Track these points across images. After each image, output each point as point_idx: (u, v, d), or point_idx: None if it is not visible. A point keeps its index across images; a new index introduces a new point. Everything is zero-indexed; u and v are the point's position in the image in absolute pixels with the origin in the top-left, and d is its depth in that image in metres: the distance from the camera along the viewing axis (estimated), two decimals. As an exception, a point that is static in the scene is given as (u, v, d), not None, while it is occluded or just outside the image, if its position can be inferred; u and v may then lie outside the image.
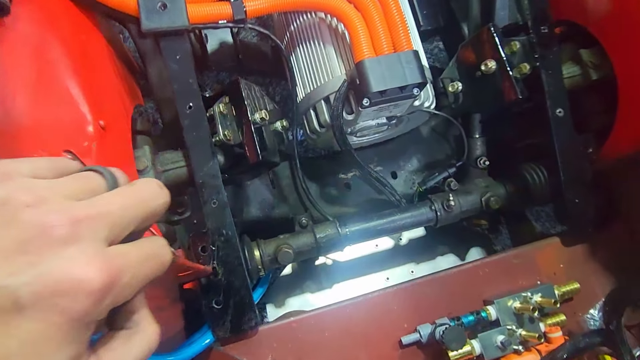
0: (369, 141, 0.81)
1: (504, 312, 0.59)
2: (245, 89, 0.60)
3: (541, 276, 0.63)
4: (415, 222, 0.72)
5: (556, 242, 0.65)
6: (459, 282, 0.62)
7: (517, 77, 0.62)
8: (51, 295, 0.21)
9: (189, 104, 0.55)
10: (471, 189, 0.74)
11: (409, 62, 0.59)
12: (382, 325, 0.59)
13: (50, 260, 0.21)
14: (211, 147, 0.55)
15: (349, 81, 0.62)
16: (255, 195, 0.73)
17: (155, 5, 0.53)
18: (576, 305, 0.63)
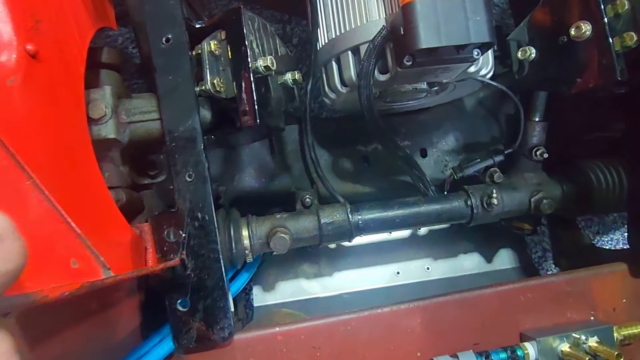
0: (399, 108, 0.65)
1: (546, 354, 0.46)
2: (248, 23, 0.44)
3: (597, 312, 0.50)
4: (444, 217, 0.59)
5: (622, 269, 0.52)
6: (491, 306, 0.49)
7: (619, 51, 0.45)
8: None
9: (167, 35, 0.39)
10: (519, 185, 0.60)
11: (476, 12, 0.43)
12: (390, 351, 0.47)
13: None
14: (193, 98, 0.41)
15: (389, 29, 0.47)
16: (251, 161, 0.59)
17: None
18: (633, 350, 0.50)
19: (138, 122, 0.43)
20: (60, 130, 0.34)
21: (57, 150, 0.33)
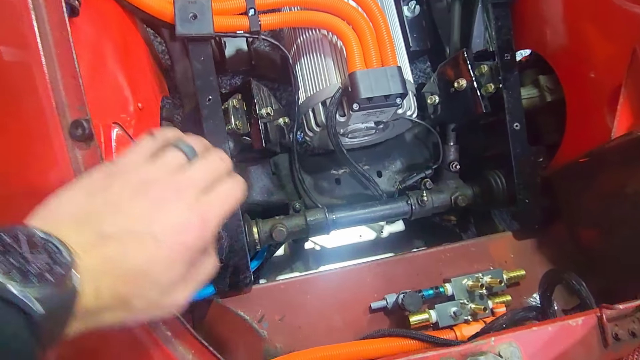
0: (359, 143, 0.93)
1: (459, 288, 0.70)
2: (255, 88, 0.72)
3: (494, 263, 0.74)
4: (392, 213, 0.84)
5: (509, 235, 0.77)
6: (424, 262, 0.74)
7: (484, 95, 0.74)
8: (174, 234, 0.34)
9: (209, 97, 0.67)
10: (443, 189, 0.85)
11: (393, 76, 0.71)
12: (356, 293, 0.70)
13: (169, 214, 0.34)
14: (224, 133, 0.67)
15: (342, 88, 0.74)
16: (257, 181, 0.85)
17: (188, 15, 0.65)
18: (522, 290, 0.74)
19: (189, 150, 0.70)
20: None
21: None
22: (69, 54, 0.36)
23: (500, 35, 0.74)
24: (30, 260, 0.27)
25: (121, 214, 0.33)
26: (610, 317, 0.49)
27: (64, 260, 0.28)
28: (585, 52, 0.71)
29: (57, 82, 0.35)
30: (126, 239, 0.32)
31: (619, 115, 0.59)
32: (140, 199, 0.34)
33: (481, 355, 0.46)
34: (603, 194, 0.68)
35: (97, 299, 0.31)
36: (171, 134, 0.40)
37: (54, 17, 0.35)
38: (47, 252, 0.28)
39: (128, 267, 0.32)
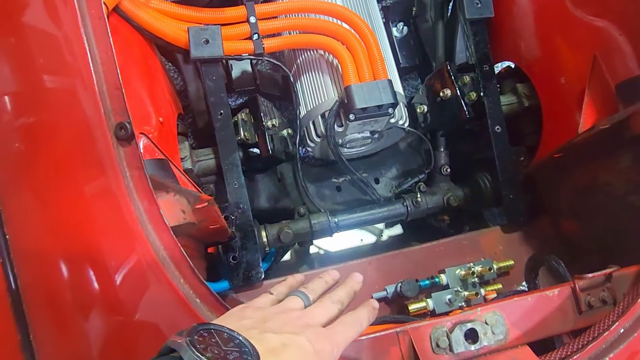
0: (357, 153, 1.00)
1: (452, 278, 0.76)
2: (261, 103, 0.80)
3: (484, 255, 0.81)
4: (390, 215, 0.91)
5: (497, 229, 0.83)
6: (420, 256, 0.80)
7: (467, 102, 0.82)
8: (321, 351, 0.41)
9: (221, 111, 0.75)
10: (436, 191, 0.92)
11: (384, 88, 0.79)
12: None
13: (316, 341, 0.41)
14: (235, 143, 0.75)
15: (339, 101, 0.82)
16: (264, 189, 0.92)
17: (201, 41, 0.74)
18: (512, 279, 0.80)
19: (202, 160, 0.77)
20: (172, 148, 0.68)
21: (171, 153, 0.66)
22: (114, 70, 0.44)
23: (479, 49, 0.82)
24: (227, 350, 0.34)
25: (272, 333, 0.40)
26: (583, 287, 0.55)
27: (249, 350, 0.35)
28: (556, 61, 0.79)
29: (104, 93, 0.43)
30: (286, 344, 0.39)
31: (584, 113, 0.67)
32: (287, 324, 0.42)
33: (469, 322, 0.52)
34: (578, 186, 0.74)
35: None
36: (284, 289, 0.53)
37: (102, 43, 0.43)
38: (236, 345, 0.35)
39: None
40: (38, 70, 0.47)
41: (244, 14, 0.80)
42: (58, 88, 0.47)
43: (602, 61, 0.70)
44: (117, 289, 0.47)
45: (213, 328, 0.35)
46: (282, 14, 0.84)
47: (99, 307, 0.47)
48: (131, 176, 0.43)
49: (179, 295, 0.46)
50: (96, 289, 0.47)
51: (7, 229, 0.43)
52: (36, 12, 0.47)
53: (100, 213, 0.44)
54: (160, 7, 0.76)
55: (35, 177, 0.45)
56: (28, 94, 0.46)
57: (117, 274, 0.46)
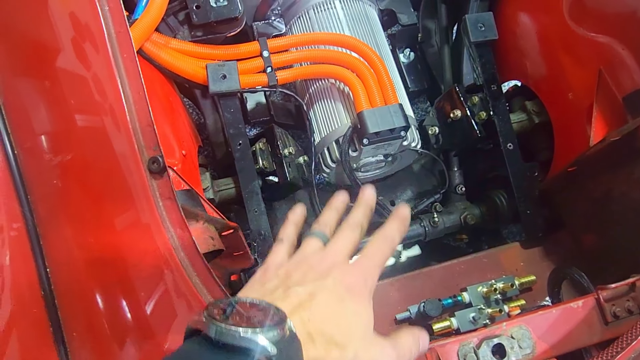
0: (372, 176, 1.02)
1: (475, 295, 0.76)
2: (277, 132, 0.83)
3: (505, 271, 0.81)
4: (408, 236, 0.91)
5: (516, 246, 0.84)
6: (441, 275, 0.81)
7: (477, 122, 0.84)
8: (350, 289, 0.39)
9: (239, 142, 0.78)
10: (452, 210, 0.94)
11: (396, 112, 0.81)
12: (381, 307, 0.77)
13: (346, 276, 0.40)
14: (254, 172, 0.78)
15: (352, 126, 0.84)
16: (282, 216, 0.94)
17: (219, 76, 0.78)
18: (535, 295, 0.80)
19: (223, 190, 0.80)
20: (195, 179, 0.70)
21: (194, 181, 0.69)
22: (146, 108, 0.47)
23: (485, 70, 0.85)
24: (250, 315, 0.31)
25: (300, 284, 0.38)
26: (607, 297, 0.55)
27: (277, 312, 0.32)
28: (562, 77, 0.81)
29: (136, 130, 0.46)
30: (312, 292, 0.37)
31: (594, 127, 0.69)
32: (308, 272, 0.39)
33: (496, 337, 0.53)
34: (594, 198, 0.75)
35: (314, 344, 0.34)
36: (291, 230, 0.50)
37: (134, 83, 0.47)
38: (260, 309, 0.32)
39: (324, 311, 0.36)
40: (73, 110, 0.50)
41: (257, 49, 0.84)
42: (93, 127, 0.50)
43: (607, 75, 0.72)
44: (150, 317, 0.49)
45: (233, 300, 0.32)
46: (293, 47, 0.88)
47: (133, 335, 0.49)
48: (164, 206, 0.45)
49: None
50: (130, 317, 0.48)
51: (48, 262, 0.45)
52: (69, 56, 0.51)
53: (135, 242, 0.46)
54: (179, 47, 0.80)
55: (73, 211, 0.47)
56: (65, 134, 0.49)
57: (150, 300, 0.48)
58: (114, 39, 0.48)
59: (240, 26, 0.84)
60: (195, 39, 0.82)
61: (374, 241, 0.45)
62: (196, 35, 0.82)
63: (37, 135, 0.50)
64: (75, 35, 0.49)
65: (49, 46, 0.51)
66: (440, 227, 0.91)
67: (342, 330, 0.36)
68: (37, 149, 0.49)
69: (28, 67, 0.51)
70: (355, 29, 0.91)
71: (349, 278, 0.40)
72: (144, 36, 0.72)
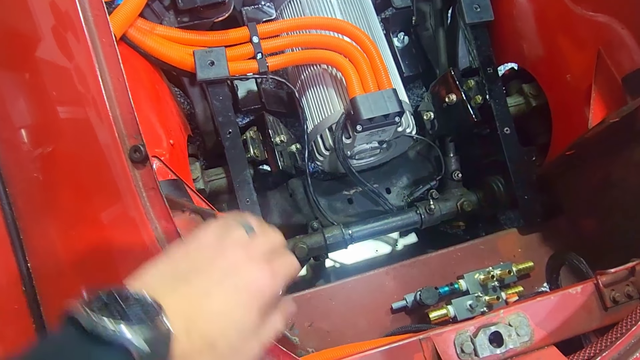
0: (366, 164, 1.00)
1: (472, 283, 0.75)
2: (268, 120, 0.81)
3: (503, 258, 0.80)
4: (404, 224, 0.90)
5: (514, 231, 0.82)
6: (437, 263, 0.79)
7: (473, 106, 0.82)
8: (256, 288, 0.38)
9: (229, 130, 0.76)
10: (449, 197, 0.92)
11: (390, 97, 0.79)
12: (377, 296, 0.76)
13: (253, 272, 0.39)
14: (245, 160, 0.76)
15: (345, 113, 0.82)
16: (276, 206, 0.92)
17: (206, 63, 0.76)
18: (533, 281, 0.79)
19: (214, 180, 0.78)
20: (184, 169, 0.68)
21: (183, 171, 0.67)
22: (126, 95, 0.45)
23: (481, 52, 0.83)
24: (127, 310, 0.31)
25: (204, 275, 0.38)
26: (606, 282, 0.54)
27: (155, 308, 0.33)
28: (560, 59, 0.79)
29: (117, 118, 0.44)
30: (210, 289, 0.37)
31: (592, 108, 0.67)
32: (219, 263, 0.39)
33: (493, 325, 0.51)
34: (593, 182, 0.74)
35: (189, 340, 0.34)
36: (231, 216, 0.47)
37: (113, 69, 0.45)
38: (139, 304, 0.32)
39: (212, 310, 0.36)
40: (53, 101, 0.48)
41: (246, 35, 0.82)
42: (73, 117, 0.48)
43: (606, 55, 0.70)
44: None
45: (115, 289, 0.32)
46: (284, 32, 0.86)
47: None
48: (147, 197, 0.43)
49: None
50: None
51: (29, 257, 0.44)
52: (48, 45, 0.49)
53: (119, 234, 0.44)
54: (165, 34, 0.78)
55: (54, 205, 0.46)
56: (44, 125, 0.47)
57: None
58: (92, 23, 0.46)
59: (228, 11, 0.81)
60: (181, 25, 0.80)
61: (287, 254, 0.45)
62: (182, 21, 0.79)
63: (16, 127, 0.48)
64: (50, 19, 0.46)
65: (24, 32, 0.49)
66: (436, 214, 0.89)
67: (223, 334, 0.36)
68: (15, 142, 0.48)
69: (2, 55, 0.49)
70: (347, 13, 0.89)
71: (256, 283, 0.39)
72: (127, 22, 0.70)
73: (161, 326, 0.32)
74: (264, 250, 0.42)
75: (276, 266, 0.41)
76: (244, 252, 0.40)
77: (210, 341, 0.35)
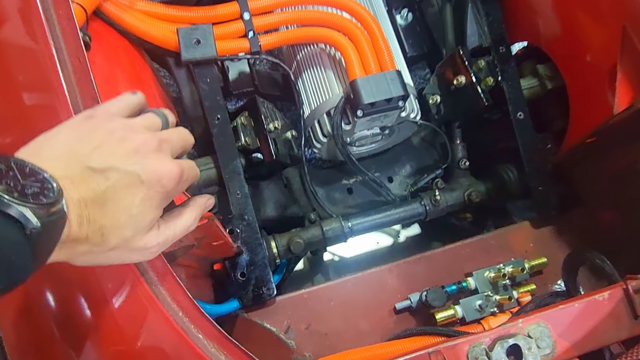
0: (367, 151, 0.94)
1: (481, 281, 0.69)
2: (261, 105, 0.74)
3: (514, 254, 0.74)
4: (407, 215, 0.84)
5: (526, 225, 0.76)
6: (444, 259, 0.74)
7: (483, 89, 0.76)
8: (156, 177, 0.36)
9: (217, 115, 0.69)
10: (455, 187, 0.86)
11: (393, 79, 0.73)
12: (379, 296, 0.70)
13: (153, 159, 0.37)
14: (235, 149, 0.69)
15: (345, 97, 0.76)
16: (270, 197, 0.86)
17: (192, 41, 0.69)
18: (546, 278, 0.73)
19: (202, 170, 0.71)
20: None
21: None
22: (88, 79, 0.38)
23: (493, 29, 0.76)
24: (25, 184, 0.30)
25: (107, 153, 0.35)
26: (637, 288, 0.48)
27: (53, 187, 0.31)
28: (579, 36, 0.72)
29: (78, 106, 0.38)
30: (110, 173, 0.35)
31: (618, 92, 0.60)
32: (126, 143, 0.36)
33: (511, 337, 0.46)
34: (615, 173, 0.68)
35: (80, 226, 0.33)
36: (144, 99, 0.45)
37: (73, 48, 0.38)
38: (38, 180, 0.30)
39: (109, 198, 0.34)
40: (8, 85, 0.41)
41: (236, 11, 0.74)
42: (31, 104, 0.41)
43: (632, 32, 0.63)
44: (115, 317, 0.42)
45: (13, 160, 0.30)
46: (278, 8, 0.78)
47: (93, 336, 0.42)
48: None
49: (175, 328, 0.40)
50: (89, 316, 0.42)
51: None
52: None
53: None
54: (146, 9, 0.70)
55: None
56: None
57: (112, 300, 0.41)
58: (46, -8, 0.39)
59: (215, -16, 0.74)
60: (164, 0, 0.73)
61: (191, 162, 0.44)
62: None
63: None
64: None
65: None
66: (442, 205, 0.83)
67: (116, 225, 0.35)
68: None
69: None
70: (346, -14, 0.81)
71: (162, 175, 0.37)
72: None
73: (56, 208, 0.30)
74: (176, 146, 0.41)
75: (185, 167, 0.40)
76: (156, 138, 0.38)
77: (102, 231, 0.34)
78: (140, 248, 0.37)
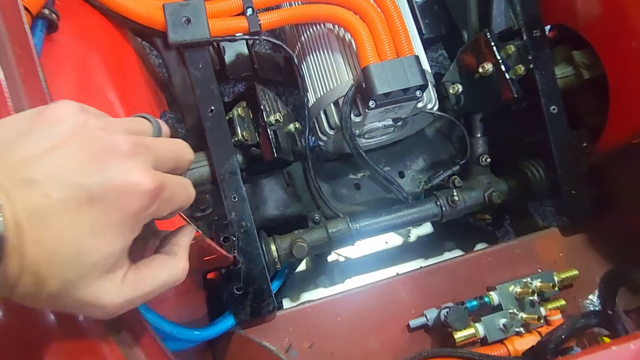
0: (376, 143, 0.86)
1: (506, 297, 0.62)
2: (261, 94, 0.65)
3: (541, 264, 0.66)
4: (421, 217, 0.76)
5: (556, 232, 0.69)
6: (463, 270, 0.66)
7: (513, 78, 0.67)
8: (116, 193, 0.26)
9: (211, 107, 0.60)
10: (474, 185, 0.78)
11: (411, 66, 0.64)
12: (391, 311, 0.63)
13: (116, 168, 0.27)
14: (231, 146, 0.61)
15: (356, 85, 0.67)
16: (271, 194, 0.78)
17: (181, 20, 0.59)
18: (576, 292, 0.66)
19: (194, 168, 0.63)
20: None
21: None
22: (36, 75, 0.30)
23: (526, 9, 0.66)
24: None
25: (54, 158, 0.26)
26: None
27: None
28: (624, 19, 0.63)
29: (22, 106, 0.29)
30: (51, 187, 0.25)
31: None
32: (86, 144, 0.27)
33: (554, 384, 0.39)
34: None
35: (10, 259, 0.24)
36: None
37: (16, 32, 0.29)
38: None
39: (48, 223, 0.25)
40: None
41: (233, -16, 0.65)
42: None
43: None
44: None
45: None
46: (281, -18, 0.69)
47: None
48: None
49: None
50: None
51: None
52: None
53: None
54: (128, -19, 0.61)
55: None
56: None
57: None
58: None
59: (209, -47, 0.64)
60: (150, -29, 0.63)
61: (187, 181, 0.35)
62: (151, -35, 0.62)
63: None
64: None
65: None
66: (460, 206, 0.75)
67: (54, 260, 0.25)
68: None
69: None
70: (358, -42, 0.71)
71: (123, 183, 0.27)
72: (73, -36, 0.53)
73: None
74: (162, 157, 0.31)
75: (171, 184, 0.30)
76: (128, 143, 0.28)
77: (37, 273, 0.25)
78: (89, 302, 0.27)
